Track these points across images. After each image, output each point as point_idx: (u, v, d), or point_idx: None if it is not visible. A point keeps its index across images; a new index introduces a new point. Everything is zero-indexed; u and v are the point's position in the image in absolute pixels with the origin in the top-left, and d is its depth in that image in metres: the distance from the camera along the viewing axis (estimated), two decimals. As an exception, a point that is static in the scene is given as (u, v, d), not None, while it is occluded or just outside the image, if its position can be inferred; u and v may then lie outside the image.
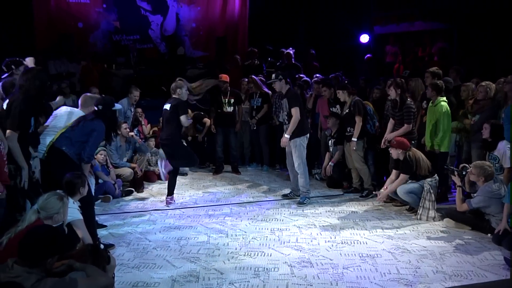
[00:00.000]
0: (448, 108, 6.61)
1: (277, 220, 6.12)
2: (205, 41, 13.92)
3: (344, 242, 5.28)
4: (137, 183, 7.62)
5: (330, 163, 7.65)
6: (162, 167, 7.19)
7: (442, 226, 5.79)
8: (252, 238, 5.43)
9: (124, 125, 7.57)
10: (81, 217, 4.26)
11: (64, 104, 8.28)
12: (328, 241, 5.33)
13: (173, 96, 6.62)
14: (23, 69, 5.41)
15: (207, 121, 9.08)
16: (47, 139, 5.11)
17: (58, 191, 3.98)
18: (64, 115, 5.49)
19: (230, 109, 8.81)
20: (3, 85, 5.14)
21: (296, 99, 6.75)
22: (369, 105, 7.51)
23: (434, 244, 5.17)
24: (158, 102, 10.34)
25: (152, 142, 8.38)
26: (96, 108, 5.10)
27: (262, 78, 9.45)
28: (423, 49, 13.95)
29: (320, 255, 4.90)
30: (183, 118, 6.40)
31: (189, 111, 9.23)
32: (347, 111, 7.23)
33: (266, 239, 5.40)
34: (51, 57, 9.39)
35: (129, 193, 7.38)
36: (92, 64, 10.81)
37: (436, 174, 6.26)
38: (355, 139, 7.02)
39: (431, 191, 6.04)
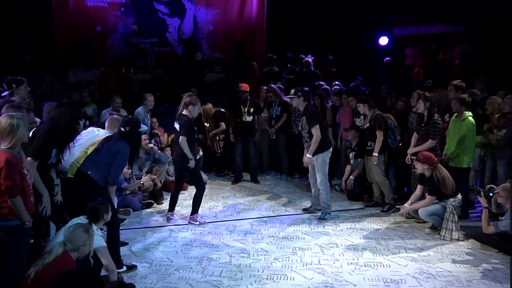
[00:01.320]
0: (474, 123, 6.48)
1: (298, 238, 6.07)
2: (222, 44, 13.88)
3: (367, 265, 5.21)
4: (157, 194, 7.63)
5: (351, 177, 7.57)
6: None
7: (467, 247, 5.69)
8: (274, 258, 5.39)
9: (143, 136, 7.56)
10: (104, 244, 4.26)
11: (85, 113, 8.45)
12: (351, 263, 5.27)
13: (183, 112, 6.44)
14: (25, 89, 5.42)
15: (222, 125, 9.04)
16: (70, 158, 5.13)
17: (83, 222, 3.98)
18: (90, 134, 5.54)
19: (249, 118, 8.77)
20: None
21: (316, 118, 6.67)
22: (390, 119, 7.40)
23: (459, 269, 5.08)
24: (175, 109, 10.42)
25: (168, 152, 8.36)
26: (122, 129, 5.08)
27: (281, 86, 9.39)
28: (443, 52, 13.73)
29: (344, 280, 4.85)
30: (181, 139, 6.26)
31: (210, 105, 9.19)
32: (367, 125, 7.13)
33: (288, 260, 5.36)
34: (70, 66, 9.42)
35: (149, 205, 7.39)
36: (111, 70, 10.83)
37: (459, 194, 6.15)
38: (376, 154, 6.94)
39: (454, 211, 5.94)
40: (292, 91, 6.77)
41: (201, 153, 8.79)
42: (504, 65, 11.03)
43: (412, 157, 6.64)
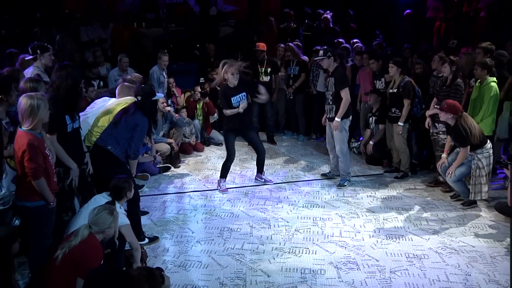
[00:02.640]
0: (498, 90, 6.23)
1: (318, 206, 6.04)
2: (236, -4, 13.38)
3: (389, 237, 5.19)
4: (174, 158, 7.59)
5: (370, 142, 7.43)
6: None
7: (490, 219, 5.63)
8: (295, 230, 5.38)
9: (160, 99, 7.42)
10: (128, 222, 4.24)
11: (99, 73, 8.27)
12: (373, 235, 5.25)
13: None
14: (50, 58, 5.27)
15: None
16: (85, 126, 5.04)
17: (107, 202, 3.95)
18: (103, 103, 5.43)
19: (266, 78, 8.58)
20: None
21: (345, 80, 6.49)
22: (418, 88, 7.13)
23: (483, 244, 5.03)
24: (191, 66, 10.22)
25: (184, 113, 8.25)
26: (136, 99, 4.94)
27: (299, 43, 9.10)
28: (468, 4, 13.11)
29: (366, 254, 4.84)
30: (225, 112, 6.39)
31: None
32: (395, 90, 6.85)
33: (309, 231, 5.35)
34: (82, 23, 9.14)
35: (167, 169, 7.37)
36: (123, 25, 10.53)
37: (488, 142, 5.86)
38: (402, 124, 6.73)
39: (480, 166, 5.73)
40: (321, 52, 6.51)
41: (216, 116, 8.69)
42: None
43: (430, 125, 6.46)
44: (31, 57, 5.57)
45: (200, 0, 12.57)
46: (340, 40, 9.60)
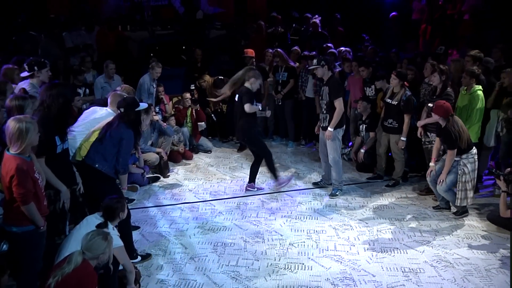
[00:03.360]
0: (483, 99, 6.27)
1: (312, 218, 6.00)
2: (221, -3, 13.25)
3: (384, 251, 5.16)
4: (163, 167, 7.46)
5: (361, 150, 7.41)
6: None
7: (482, 229, 5.65)
8: (290, 244, 5.32)
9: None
10: (121, 243, 4.12)
11: (84, 80, 8.08)
12: (367, 248, 5.22)
13: (245, 84, 6.52)
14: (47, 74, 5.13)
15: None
16: (74, 142, 4.92)
17: (100, 223, 3.85)
18: (92, 114, 5.29)
19: (255, 85, 8.47)
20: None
21: (339, 89, 6.46)
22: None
23: (477, 256, 5.05)
24: (178, 71, 10.06)
25: (172, 121, 8.13)
26: (119, 111, 4.81)
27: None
28: (453, 6, 13.21)
29: (362, 269, 4.81)
30: (246, 106, 6.33)
31: (208, 76, 8.99)
32: (395, 103, 6.71)
33: (304, 245, 5.30)
34: (66, 28, 8.91)
35: (156, 179, 7.25)
36: (107, 28, 10.33)
37: (474, 147, 5.87)
38: (404, 139, 6.67)
39: (466, 171, 5.73)
40: (315, 61, 6.49)
41: (204, 124, 8.59)
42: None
43: (423, 136, 6.48)
44: (27, 73, 5.40)
45: (185, 2, 12.43)
46: (329, 44, 9.55)
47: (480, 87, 6.27)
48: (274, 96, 8.82)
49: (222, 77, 8.88)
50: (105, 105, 5.57)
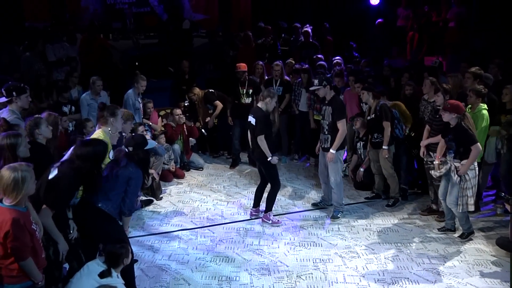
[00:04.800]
0: (488, 118, 6.18)
1: (316, 244, 5.79)
2: (205, 4, 12.97)
3: (394, 282, 4.99)
4: (156, 188, 7.15)
5: (361, 169, 7.25)
6: None
7: (491, 254, 5.54)
8: (297, 276, 5.10)
9: (140, 128, 6.98)
10: (127, 292, 3.84)
11: (70, 97, 7.68)
12: (378, 279, 5.04)
13: (258, 104, 6.20)
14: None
15: (218, 104, 8.49)
16: None
17: (106, 284, 3.55)
18: None
19: (248, 100, 8.23)
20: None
21: (343, 111, 6.27)
22: (397, 108, 7.01)
23: (491, 285, 4.92)
24: (164, 84, 9.73)
25: (162, 139, 7.81)
26: (126, 150, 4.53)
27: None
28: (437, 14, 13.21)
29: (375, 304, 4.63)
30: (259, 138, 6.00)
31: (198, 89, 8.69)
32: (372, 116, 6.72)
33: (312, 277, 5.08)
34: (46, 39, 8.45)
35: (149, 202, 6.94)
36: (90, 36, 9.88)
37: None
38: (386, 147, 6.60)
39: (467, 178, 5.57)
40: (316, 81, 6.26)
41: (194, 140, 8.31)
42: (504, 28, 10.58)
43: (427, 156, 6.35)
44: (5, 99, 5.03)
45: (168, 9, 12.07)
46: (319, 56, 9.37)
47: (485, 106, 6.16)
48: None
49: (212, 90, 8.62)
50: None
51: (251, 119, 6.11)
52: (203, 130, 8.79)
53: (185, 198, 7.17)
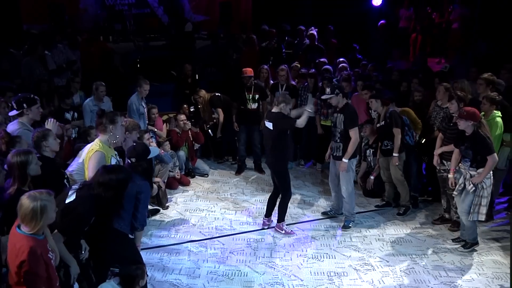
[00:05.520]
0: (502, 125, 6.07)
1: (329, 256, 5.66)
2: (206, 5, 12.78)
3: (413, 296, 4.88)
4: (162, 196, 6.98)
5: (371, 177, 7.13)
6: None
7: (509, 267, 5.39)
8: (313, 291, 4.98)
9: (146, 136, 6.79)
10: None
11: (72, 103, 7.48)
12: (395, 294, 4.92)
13: (273, 109, 6.05)
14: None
15: (220, 113, 8.35)
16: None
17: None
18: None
19: (254, 105, 8.08)
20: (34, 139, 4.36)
21: (355, 119, 6.14)
22: (406, 114, 6.89)
23: (511, 300, 4.82)
24: (167, 88, 9.56)
25: (167, 146, 7.64)
26: (129, 162, 4.35)
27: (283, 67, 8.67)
28: (440, 15, 13.14)
29: (395, 321, 4.51)
30: (300, 122, 6.01)
31: (204, 91, 8.51)
32: (382, 123, 6.60)
33: (328, 292, 4.96)
34: (45, 43, 8.23)
35: (156, 212, 6.77)
36: (90, 39, 9.68)
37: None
38: (397, 154, 6.49)
39: (484, 186, 5.46)
40: (328, 89, 6.12)
41: (183, 153, 8.07)
42: (510, 30, 10.47)
43: (441, 165, 6.23)
44: (16, 112, 4.86)
45: (169, 11, 11.87)
46: (322, 60, 9.23)
47: (499, 113, 6.05)
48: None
49: (218, 94, 8.46)
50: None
51: (268, 124, 5.96)
52: (209, 131, 8.62)
53: (192, 207, 7.02)
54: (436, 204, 7.01)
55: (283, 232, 6.14)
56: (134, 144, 4.46)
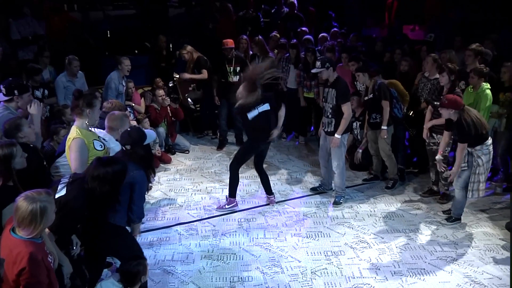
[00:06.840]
0: (491, 97, 6.04)
1: (323, 235, 5.57)
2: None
3: (412, 274, 4.84)
4: (145, 177, 6.68)
5: (359, 150, 7.03)
6: None
7: (499, 238, 5.48)
8: (312, 272, 4.87)
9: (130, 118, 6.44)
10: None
11: (42, 79, 6.99)
12: (395, 272, 4.87)
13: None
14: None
15: (204, 73, 7.94)
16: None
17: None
18: None
19: (235, 78, 7.78)
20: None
21: (348, 93, 5.98)
22: (393, 86, 6.79)
23: (506, 273, 4.85)
24: (141, 60, 9.09)
25: (147, 123, 7.31)
26: (123, 149, 4.04)
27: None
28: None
29: (397, 301, 4.48)
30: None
31: (190, 47, 8.04)
32: (370, 96, 6.48)
33: (327, 272, 4.86)
34: (12, 16, 7.58)
35: (140, 193, 6.47)
36: (54, 10, 9.01)
37: (490, 138, 5.54)
38: (385, 127, 6.41)
39: (481, 163, 5.42)
40: (318, 63, 5.90)
41: (162, 129, 7.71)
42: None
43: (429, 137, 6.21)
44: (5, 98, 4.44)
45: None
46: (304, 28, 8.97)
47: (488, 85, 6.00)
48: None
49: (206, 58, 8.03)
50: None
51: (266, 107, 5.83)
52: (189, 100, 8.28)
53: (177, 187, 6.78)
54: (423, 176, 7.03)
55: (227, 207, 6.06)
56: (128, 129, 4.12)
